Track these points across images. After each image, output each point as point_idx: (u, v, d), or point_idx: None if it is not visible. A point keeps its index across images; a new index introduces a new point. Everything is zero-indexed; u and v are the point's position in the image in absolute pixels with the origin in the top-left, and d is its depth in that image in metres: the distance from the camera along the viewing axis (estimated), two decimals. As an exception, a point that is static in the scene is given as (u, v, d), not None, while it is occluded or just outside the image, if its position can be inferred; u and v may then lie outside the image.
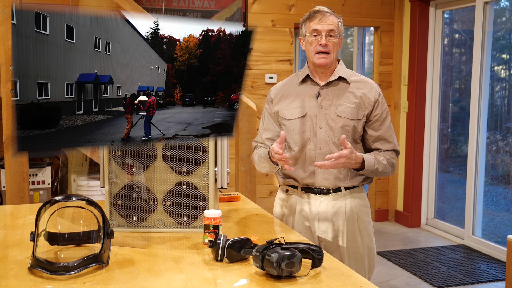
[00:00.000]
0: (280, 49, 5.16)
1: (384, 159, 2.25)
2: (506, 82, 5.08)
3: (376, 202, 5.71)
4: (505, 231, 4.94)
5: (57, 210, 1.76)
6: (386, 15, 5.50)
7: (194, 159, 2.08)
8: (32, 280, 1.58)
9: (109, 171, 2.07)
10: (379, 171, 2.23)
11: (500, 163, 5.04)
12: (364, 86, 2.30)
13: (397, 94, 5.59)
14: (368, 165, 2.18)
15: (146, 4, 4.80)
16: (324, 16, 2.22)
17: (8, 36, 3.15)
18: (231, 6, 5.01)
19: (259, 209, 2.48)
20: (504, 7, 5.01)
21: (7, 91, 3.21)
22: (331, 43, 2.22)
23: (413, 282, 4.05)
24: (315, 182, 2.27)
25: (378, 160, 2.22)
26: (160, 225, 2.09)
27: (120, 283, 1.57)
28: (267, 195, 5.13)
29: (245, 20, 5.02)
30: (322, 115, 2.25)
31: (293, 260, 1.56)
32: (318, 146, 2.25)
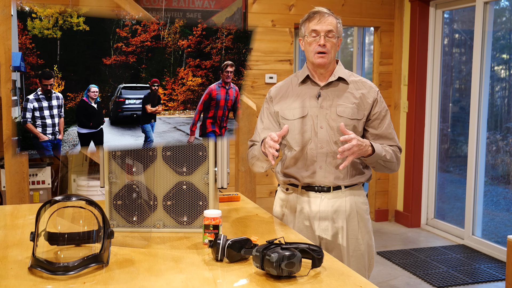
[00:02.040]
0: (280, 49, 5.16)
1: (389, 148, 2.28)
2: (506, 82, 5.08)
3: (376, 202, 5.71)
4: (505, 231, 4.94)
5: (57, 210, 1.76)
6: (386, 15, 5.50)
7: (194, 159, 2.08)
8: (32, 280, 1.58)
9: (109, 171, 2.07)
10: (387, 158, 2.23)
11: (500, 163, 5.04)
12: (363, 86, 2.32)
13: (397, 94, 5.59)
14: (377, 150, 2.19)
15: (146, 4, 4.80)
16: (323, 17, 2.23)
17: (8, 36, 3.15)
18: (231, 6, 5.01)
19: (259, 209, 2.48)
20: (504, 7, 5.02)
21: (7, 91, 3.21)
22: (330, 43, 2.23)
23: (413, 282, 4.05)
24: (316, 181, 2.28)
25: (384, 149, 2.24)
26: (160, 225, 2.10)
27: (120, 283, 1.57)
28: (267, 195, 5.13)
29: (245, 20, 5.02)
30: (323, 115, 2.26)
31: (293, 260, 1.56)
32: (319, 145, 2.26)
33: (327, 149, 2.26)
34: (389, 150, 2.26)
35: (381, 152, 2.21)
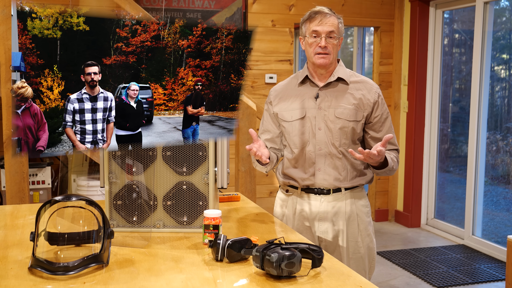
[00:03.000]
0: (280, 49, 5.16)
1: (394, 157, 2.28)
2: (506, 82, 5.08)
3: (376, 202, 5.71)
4: (505, 231, 4.94)
5: (57, 210, 1.76)
6: (386, 15, 5.50)
7: (194, 159, 2.08)
8: (32, 280, 1.58)
9: (109, 171, 2.07)
10: (394, 169, 2.26)
11: (500, 163, 5.04)
12: (363, 87, 2.29)
13: (397, 94, 5.59)
14: (390, 164, 2.21)
15: (146, 4, 4.80)
16: (324, 17, 2.20)
17: (8, 36, 3.15)
18: (231, 6, 5.01)
19: (259, 209, 2.48)
20: (504, 7, 5.01)
21: (7, 91, 3.21)
22: (331, 44, 2.21)
23: (413, 282, 4.05)
24: (315, 183, 2.27)
25: (392, 159, 2.24)
26: (160, 225, 2.09)
27: (120, 283, 1.57)
28: (267, 195, 5.13)
29: (245, 20, 5.02)
30: (321, 116, 2.25)
31: (293, 260, 1.56)
32: (317, 147, 2.25)
33: (326, 151, 2.24)
34: (394, 158, 2.26)
35: (391, 165, 2.22)
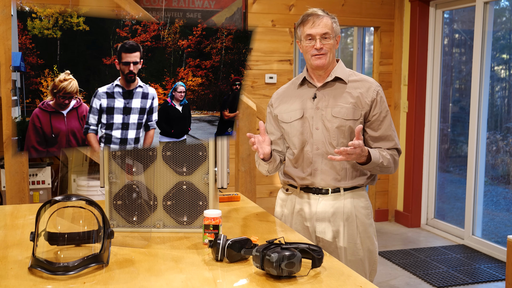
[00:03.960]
0: (280, 49, 5.16)
1: (387, 154, 2.23)
2: (506, 82, 5.08)
3: (376, 202, 5.71)
4: (505, 231, 4.94)
5: (57, 210, 1.76)
6: (386, 15, 5.50)
7: (194, 159, 2.08)
8: (32, 280, 1.58)
9: (109, 171, 2.07)
10: (384, 165, 2.20)
11: (500, 163, 5.04)
12: (362, 85, 2.28)
13: (397, 94, 5.59)
14: (374, 158, 2.16)
15: (146, 4, 4.80)
16: (317, 19, 2.19)
17: (8, 36, 3.15)
18: (231, 6, 5.01)
19: (259, 209, 2.48)
20: (504, 7, 5.01)
21: (7, 91, 3.21)
22: (327, 45, 2.20)
23: (413, 282, 4.05)
24: (313, 182, 2.27)
25: (382, 155, 2.21)
26: (160, 225, 2.09)
27: (120, 283, 1.57)
28: (267, 195, 5.13)
29: (245, 20, 5.02)
30: (319, 116, 2.25)
31: (293, 260, 1.56)
32: (315, 147, 2.25)
33: (323, 150, 2.24)
34: (386, 155, 2.22)
35: (377, 160, 2.18)
